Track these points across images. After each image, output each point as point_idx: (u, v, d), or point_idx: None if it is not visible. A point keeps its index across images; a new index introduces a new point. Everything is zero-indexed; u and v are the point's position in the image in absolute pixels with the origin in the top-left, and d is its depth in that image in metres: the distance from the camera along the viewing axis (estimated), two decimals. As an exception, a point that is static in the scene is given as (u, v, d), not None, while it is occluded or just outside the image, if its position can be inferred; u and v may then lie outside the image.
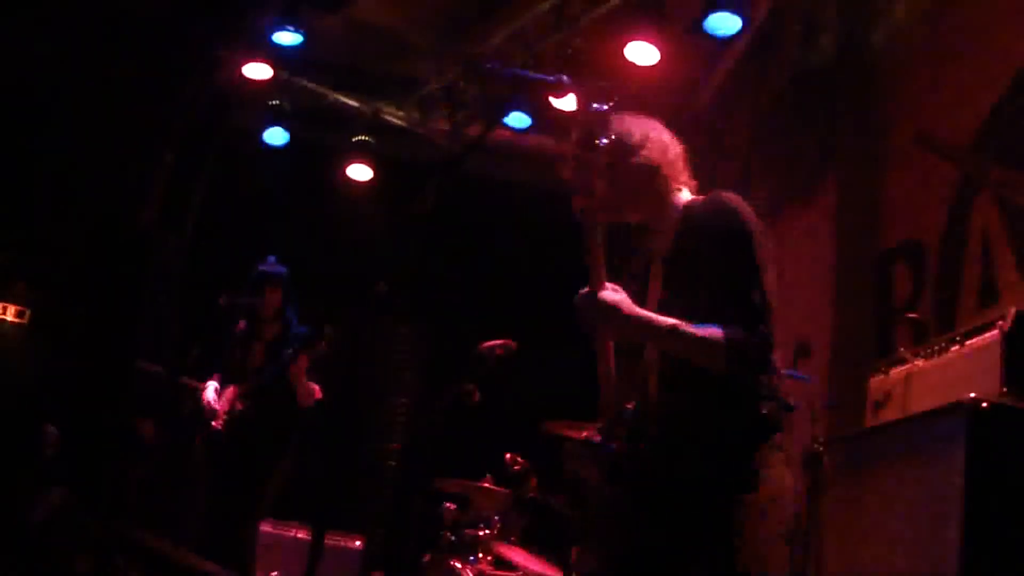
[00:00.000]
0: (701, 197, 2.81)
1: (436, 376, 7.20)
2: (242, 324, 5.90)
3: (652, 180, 2.79)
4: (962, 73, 5.17)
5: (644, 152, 2.78)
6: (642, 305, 2.68)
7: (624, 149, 2.77)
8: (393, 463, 8.05)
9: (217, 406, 5.62)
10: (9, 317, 6.49)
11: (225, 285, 5.98)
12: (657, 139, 2.83)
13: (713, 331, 2.51)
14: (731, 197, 2.71)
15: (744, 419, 2.57)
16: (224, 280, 6.06)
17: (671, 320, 2.57)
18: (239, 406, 5.63)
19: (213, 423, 5.60)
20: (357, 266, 6.66)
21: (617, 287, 2.65)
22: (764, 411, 2.57)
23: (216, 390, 5.71)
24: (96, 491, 5.97)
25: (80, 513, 4.78)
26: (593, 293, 2.60)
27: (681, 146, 2.88)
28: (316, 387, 5.61)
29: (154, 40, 7.23)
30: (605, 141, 2.67)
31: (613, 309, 2.58)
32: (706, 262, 2.62)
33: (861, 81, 6.10)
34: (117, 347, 6.82)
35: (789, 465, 2.58)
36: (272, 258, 5.95)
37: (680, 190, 2.83)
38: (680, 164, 2.85)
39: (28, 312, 6.53)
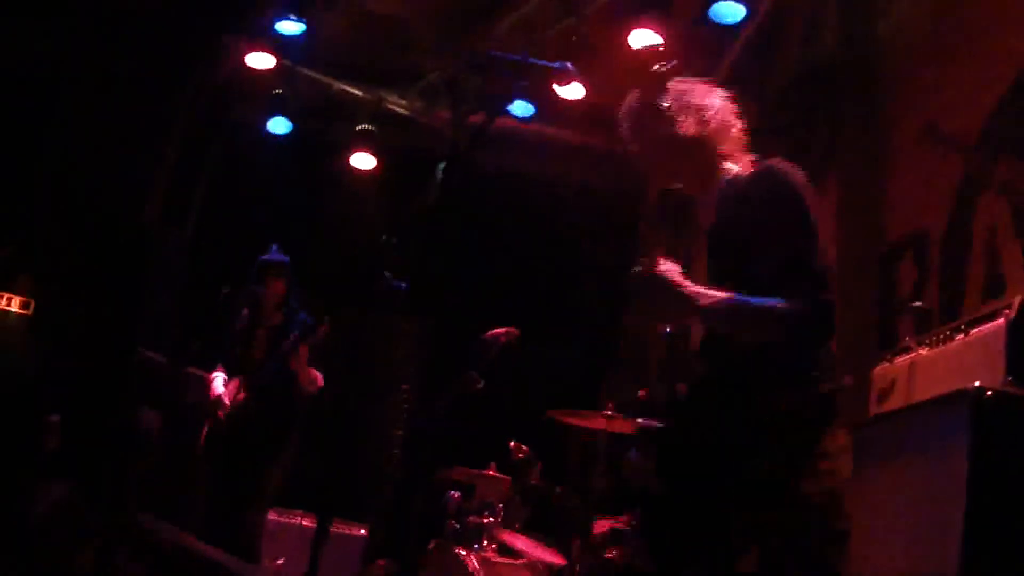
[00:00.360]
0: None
1: (440, 365, 7.19)
2: (244, 315, 5.91)
3: (696, 149, 2.58)
4: (965, 71, 5.16)
5: (690, 119, 2.58)
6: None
7: (670, 114, 2.56)
8: (397, 451, 8.05)
9: (227, 398, 5.64)
10: (14, 308, 6.50)
11: (227, 279, 5.99)
12: (707, 106, 2.60)
13: (774, 301, 2.28)
14: (781, 162, 2.49)
15: (804, 401, 2.32)
16: (226, 274, 6.07)
17: (725, 292, 2.34)
18: (240, 397, 5.65)
19: (219, 413, 5.61)
20: (361, 258, 6.67)
21: (673, 261, 2.41)
22: (825, 391, 2.34)
23: (224, 381, 5.72)
24: (99, 482, 5.97)
25: (81, 507, 4.78)
26: (644, 270, 2.38)
27: (738, 116, 2.65)
28: (318, 375, 5.63)
29: (156, 34, 7.24)
30: (664, 105, 2.51)
31: (662, 280, 2.34)
32: (757, 230, 2.38)
33: (863, 79, 6.08)
34: (120, 340, 6.83)
35: (848, 452, 2.36)
36: (275, 247, 5.96)
37: (729, 161, 2.59)
38: (733, 133, 2.61)
39: (33, 303, 6.54)
